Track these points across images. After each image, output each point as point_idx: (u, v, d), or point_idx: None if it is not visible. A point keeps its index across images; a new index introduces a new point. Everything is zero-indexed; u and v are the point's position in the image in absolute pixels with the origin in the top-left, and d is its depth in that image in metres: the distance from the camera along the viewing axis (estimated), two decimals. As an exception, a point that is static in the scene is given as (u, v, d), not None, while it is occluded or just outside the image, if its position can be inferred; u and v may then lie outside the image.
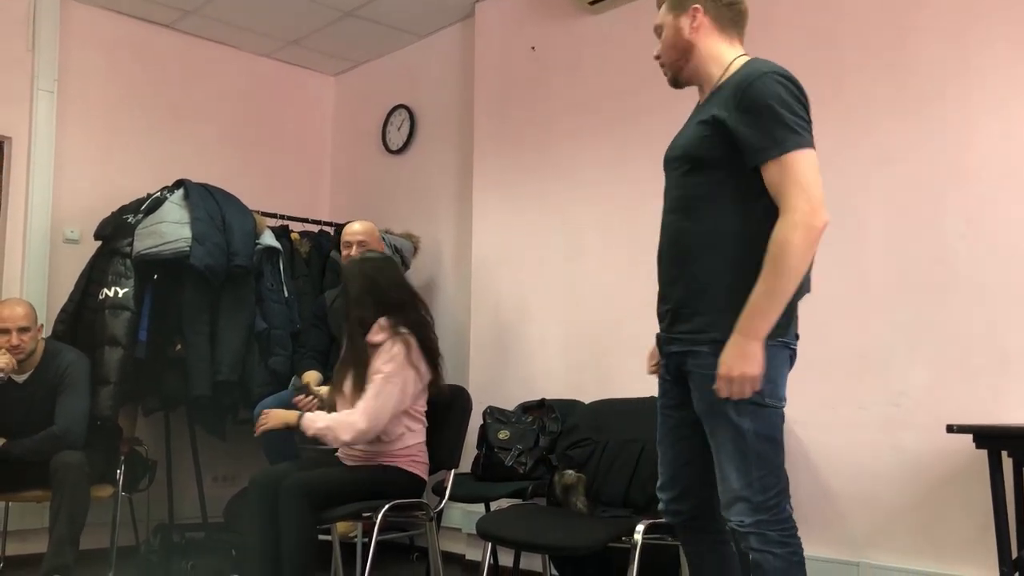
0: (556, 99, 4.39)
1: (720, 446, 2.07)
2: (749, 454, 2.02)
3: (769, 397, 2.03)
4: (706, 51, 2.18)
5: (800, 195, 1.94)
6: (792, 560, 2.03)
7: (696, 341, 2.09)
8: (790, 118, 1.98)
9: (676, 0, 2.21)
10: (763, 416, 2.03)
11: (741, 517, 2.03)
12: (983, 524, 2.73)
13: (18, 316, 3.79)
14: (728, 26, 2.20)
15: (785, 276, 1.95)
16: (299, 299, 4.59)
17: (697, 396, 2.11)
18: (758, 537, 2.02)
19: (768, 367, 1.99)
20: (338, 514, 3.04)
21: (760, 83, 2.02)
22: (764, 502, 2.02)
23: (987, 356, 2.91)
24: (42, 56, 4.70)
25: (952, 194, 3.05)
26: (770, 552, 2.01)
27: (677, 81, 2.28)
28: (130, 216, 4.24)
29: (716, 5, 2.18)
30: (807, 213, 1.93)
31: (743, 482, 2.02)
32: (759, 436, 2.03)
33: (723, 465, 2.06)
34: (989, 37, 3.02)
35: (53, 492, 3.61)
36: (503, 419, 3.81)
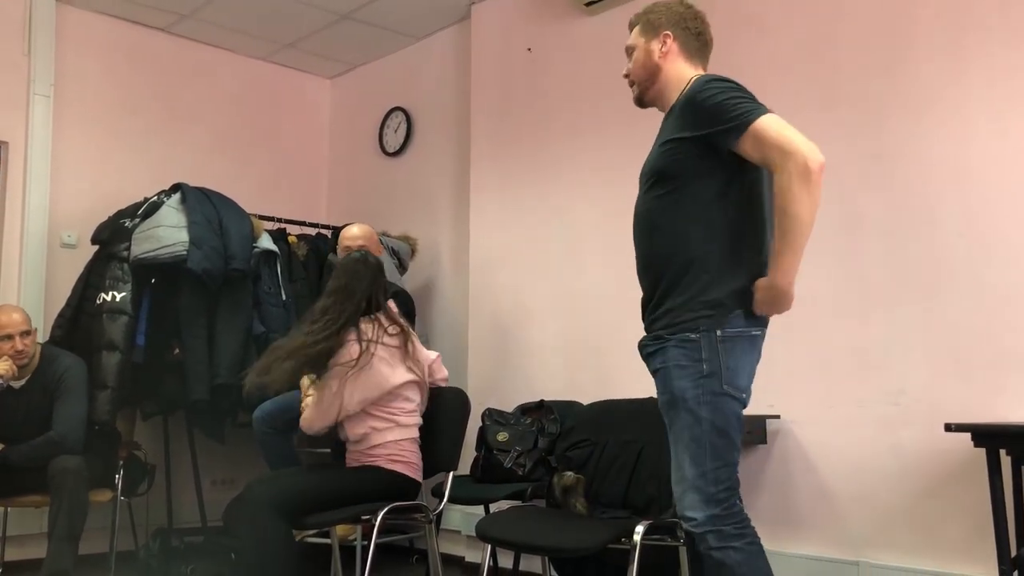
0: (552, 100, 4.39)
1: (678, 437, 2.16)
2: (704, 445, 2.10)
3: (727, 384, 2.11)
4: (671, 75, 2.33)
5: (782, 151, 2.03)
6: (752, 550, 2.10)
7: (660, 338, 2.19)
8: (737, 98, 2.11)
9: (648, 25, 2.36)
10: (721, 407, 2.11)
11: (694, 513, 2.10)
12: (982, 522, 2.73)
13: (18, 321, 3.79)
14: (694, 53, 2.35)
15: (799, 225, 2.04)
16: (297, 302, 4.58)
17: (660, 390, 2.21)
18: (715, 535, 2.08)
19: (727, 356, 2.10)
20: (331, 518, 3.04)
21: (701, 87, 2.18)
22: (715, 494, 2.09)
23: (985, 355, 2.92)
24: (38, 60, 4.70)
25: (950, 194, 3.05)
26: (730, 547, 2.08)
27: (642, 100, 2.42)
28: (127, 220, 4.24)
29: (685, 33, 2.33)
30: (798, 162, 2.01)
31: (696, 471, 2.10)
32: (715, 428, 2.11)
33: (679, 456, 2.15)
34: (986, 40, 3.02)
35: (52, 497, 3.61)
36: (502, 421, 3.81)
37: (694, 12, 2.37)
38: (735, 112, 2.09)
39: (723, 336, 2.11)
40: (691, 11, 2.37)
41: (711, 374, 2.11)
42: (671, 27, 2.32)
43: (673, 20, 2.33)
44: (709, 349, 2.12)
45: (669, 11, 2.35)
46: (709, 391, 2.11)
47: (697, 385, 2.12)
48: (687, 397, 2.12)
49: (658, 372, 2.21)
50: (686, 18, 2.34)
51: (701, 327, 2.12)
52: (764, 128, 2.06)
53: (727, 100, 2.11)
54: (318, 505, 3.01)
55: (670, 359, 2.16)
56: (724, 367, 2.10)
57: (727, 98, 2.11)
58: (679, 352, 2.14)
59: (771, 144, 2.05)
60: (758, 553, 2.12)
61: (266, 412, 3.88)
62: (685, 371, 2.13)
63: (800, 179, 2.01)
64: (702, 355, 2.12)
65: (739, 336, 2.14)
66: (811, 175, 2.01)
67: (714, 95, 2.13)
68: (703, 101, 2.14)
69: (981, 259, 2.96)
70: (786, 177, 2.03)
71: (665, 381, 2.18)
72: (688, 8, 2.37)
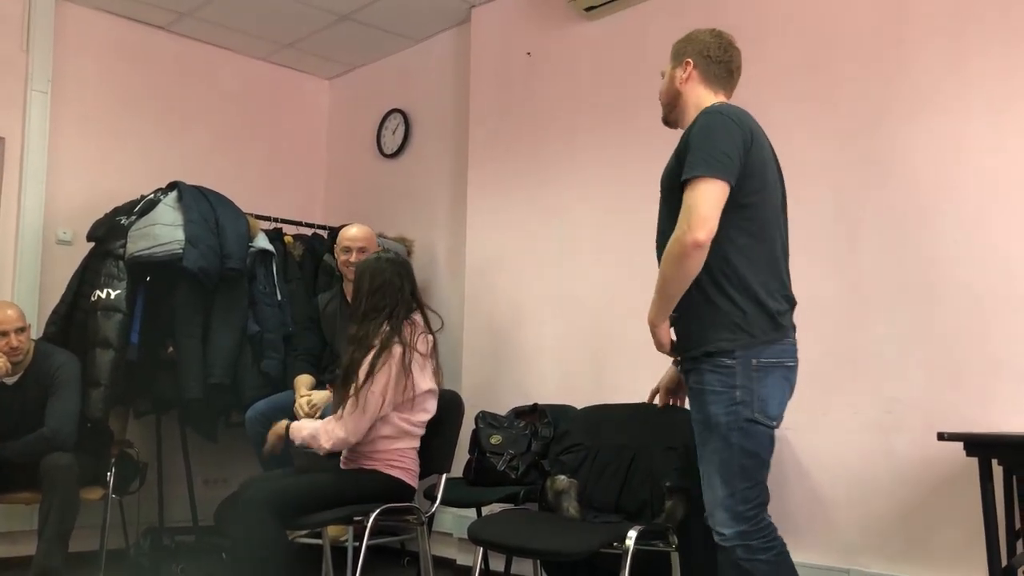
0: (551, 105, 4.40)
1: (709, 458, 2.27)
2: (733, 467, 2.23)
3: (758, 412, 2.22)
4: (690, 100, 2.47)
5: (684, 215, 2.20)
6: (778, 561, 2.23)
7: (695, 359, 2.32)
8: (707, 149, 2.22)
9: (675, 52, 2.53)
10: (752, 434, 2.23)
11: (723, 528, 2.23)
12: (973, 531, 2.74)
13: (13, 318, 3.79)
14: (714, 80, 2.47)
15: (662, 278, 2.28)
16: (292, 302, 4.58)
17: (694, 408, 2.33)
18: (743, 548, 2.21)
19: (759, 387, 2.22)
20: (324, 519, 3.03)
21: (700, 119, 2.31)
22: (744, 512, 2.22)
23: (979, 363, 2.92)
24: (36, 57, 4.69)
25: (945, 200, 3.06)
26: (757, 559, 2.21)
27: (667, 121, 2.58)
28: (123, 218, 4.23)
29: (706, 61, 2.47)
30: (683, 231, 2.18)
31: (726, 491, 2.23)
32: (745, 451, 2.23)
33: (710, 475, 2.27)
34: (982, 47, 3.03)
35: (43, 494, 3.60)
36: (495, 424, 3.81)
37: (720, 42, 2.48)
38: (692, 161, 2.22)
39: (758, 364, 2.23)
40: (718, 40, 2.48)
41: (743, 401, 2.22)
42: (693, 55, 2.47)
43: (696, 49, 2.47)
44: (743, 376, 2.23)
45: (696, 40, 2.50)
46: (741, 418, 2.22)
47: (729, 412, 2.23)
48: (720, 423, 2.23)
49: (692, 391, 2.34)
50: (710, 47, 2.47)
51: (736, 353, 2.23)
52: (691, 189, 2.20)
53: (700, 145, 2.23)
54: (312, 506, 3.00)
55: (705, 382, 2.28)
56: (756, 396, 2.22)
57: (701, 142, 2.23)
58: (714, 377, 2.25)
59: (687, 203, 2.20)
60: (784, 563, 2.25)
61: (259, 411, 3.88)
62: (719, 396, 2.24)
63: (678, 244, 2.19)
64: (736, 382, 2.23)
65: (774, 365, 2.25)
66: (685, 247, 2.18)
67: (697, 134, 2.26)
68: (691, 135, 2.28)
69: (976, 267, 2.97)
70: (675, 234, 2.20)
71: (699, 403, 2.30)
72: (716, 38, 2.49)
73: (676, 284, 2.24)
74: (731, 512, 2.21)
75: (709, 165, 2.19)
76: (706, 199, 2.17)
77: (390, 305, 3.19)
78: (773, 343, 2.26)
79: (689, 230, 2.16)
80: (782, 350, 2.28)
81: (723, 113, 2.29)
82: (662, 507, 2.88)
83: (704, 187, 2.18)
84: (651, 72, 3.99)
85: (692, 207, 2.18)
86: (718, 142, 2.22)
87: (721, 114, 2.28)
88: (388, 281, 3.21)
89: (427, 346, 3.21)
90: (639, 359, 3.87)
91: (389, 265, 3.27)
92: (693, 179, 2.19)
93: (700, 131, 2.25)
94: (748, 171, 2.26)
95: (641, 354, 3.85)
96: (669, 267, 2.23)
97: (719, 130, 2.24)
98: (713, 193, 2.18)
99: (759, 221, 2.30)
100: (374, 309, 3.18)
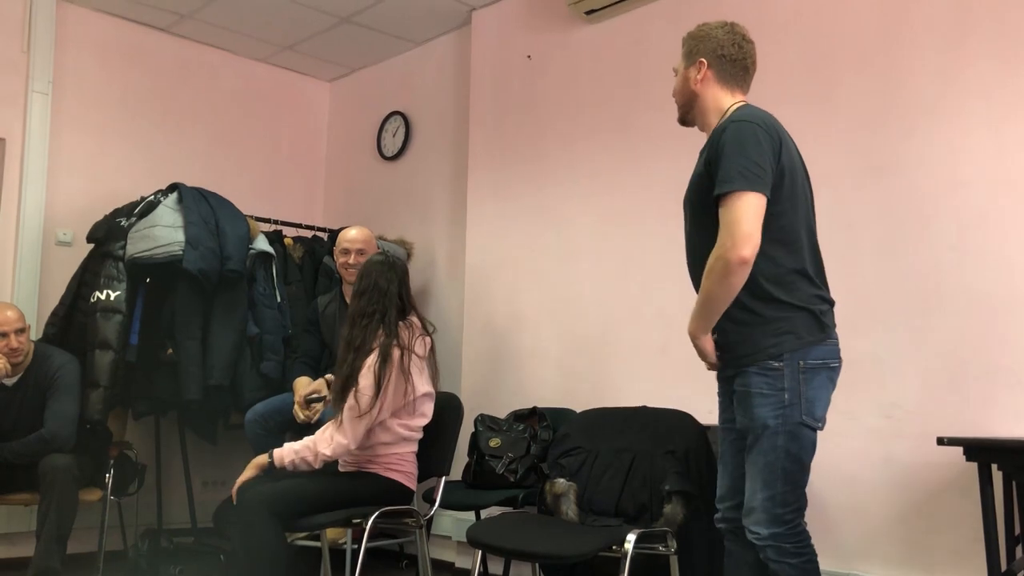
0: (551, 108, 4.40)
1: (753, 460, 2.27)
2: (777, 471, 2.23)
3: (806, 415, 2.23)
4: (708, 102, 2.43)
5: (726, 232, 2.18)
6: (807, 567, 2.25)
7: (741, 363, 2.30)
8: (741, 162, 2.19)
9: (688, 51, 2.46)
10: (798, 436, 2.23)
11: (759, 528, 2.24)
12: (972, 537, 2.74)
13: (13, 319, 3.79)
14: (730, 79, 2.42)
15: (706, 294, 2.24)
16: (291, 304, 4.58)
17: (741, 411, 2.31)
18: (775, 549, 2.23)
19: (807, 388, 2.23)
20: (322, 521, 3.02)
21: (728, 130, 2.25)
22: (782, 515, 2.22)
23: (978, 369, 2.92)
24: (37, 58, 4.70)
25: (944, 206, 3.06)
26: (786, 563, 2.22)
27: (684, 120, 2.52)
28: (123, 219, 4.23)
29: (720, 60, 2.41)
30: (727, 248, 2.16)
31: (767, 494, 2.23)
32: (790, 455, 2.23)
33: (753, 477, 2.27)
34: (982, 51, 3.04)
35: (41, 495, 3.59)
36: (494, 427, 3.80)
37: (733, 37, 2.42)
38: (726, 175, 2.19)
39: (805, 366, 2.23)
40: (731, 36, 2.42)
41: (791, 404, 2.22)
42: (707, 55, 2.41)
43: (710, 48, 2.41)
44: (791, 379, 2.23)
45: (709, 37, 2.42)
46: (789, 421, 2.23)
47: (777, 415, 2.23)
48: (768, 425, 2.23)
49: (738, 394, 2.32)
50: (724, 44, 2.40)
51: (784, 357, 2.24)
52: (729, 205, 2.18)
53: (733, 157, 2.20)
54: (311, 508, 3.00)
55: (752, 385, 2.27)
56: (804, 398, 2.22)
57: (734, 155, 2.20)
58: (761, 380, 2.25)
59: (727, 219, 2.18)
60: (813, 570, 2.26)
61: (258, 413, 3.87)
62: (767, 400, 2.24)
63: (722, 261, 2.17)
64: (784, 384, 2.23)
65: (820, 367, 2.26)
66: (730, 264, 2.16)
67: (728, 146, 2.22)
68: (722, 145, 2.24)
69: (975, 273, 2.97)
70: (716, 251, 2.19)
71: (745, 406, 2.28)
72: (729, 33, 2.42)
73: (721, 300, 2.22)
74: (769, 514, 2.22)
75: (745, 179, 2.17)
76: (747, 214, 2.16)
77: (379, 309, 3.17)
78: (819, 344, 2.26)
79: (733, 247, 2.15)
80: (827, 351, 2.29)
81: (752, 121, 2.25)
82: (661, 511, 2.88)
83: (744, 202, 2.17)
84: (652, 76, 4.01)
85: (734, 223, 2.16)
86: (751, 153, 2.19)
87: (751, 123, 2.25)
88: (374, 284, 3.20)
89: (425, 349, 3.21)
90: (638, 362, 3.88)
91: (376, 267, 3.25)
92: (730, 193, 2.17)
93: (732, 143, 2.22)
94: (779, 178, 2.25)
95: (640, 357, 3.87)
96: (714, 284, 2.20)
97: (751, 140, 2.21)
98: (753, 207, 2.17)
99: (790, 226, 2.29)
100: (362, 313, 3.17)
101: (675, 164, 3.79)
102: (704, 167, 2.30)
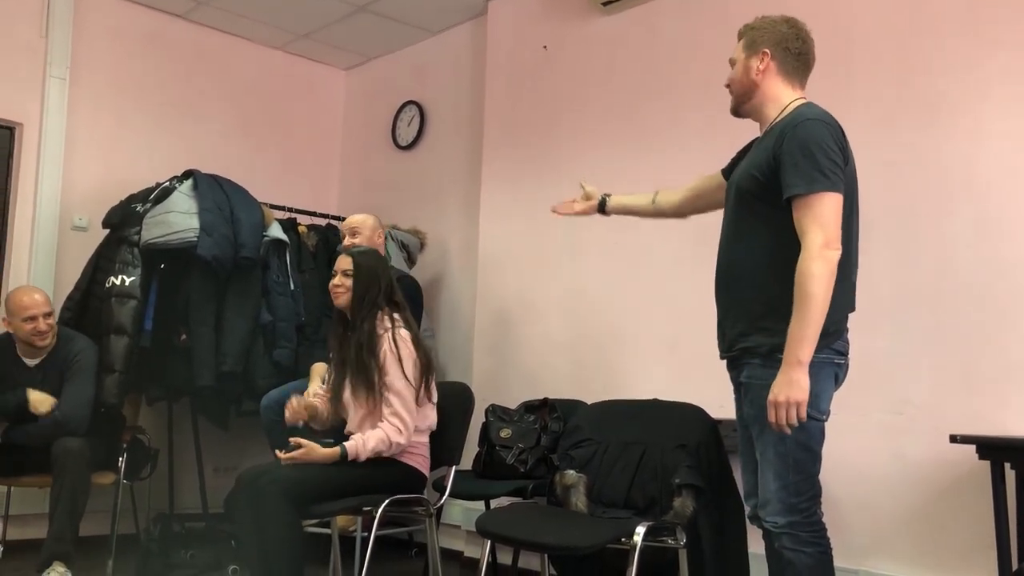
0: (566, 98, 4.39)
1: (763, 451, 2.28)
2: (788, 460, 2.23)
3: (811, 408, 2.19)
4: (768, 93, 2.39)
5: (817, 231, 2.16)
6: (822, 559, 2.25)
7: (749, 353, 2.31)
8: (823, 162, 2.18)
9: (750, 41, 2.42)
10: (805, 427, 2.20)
11: (775, 517, 2.24)
12: (984, 535, 2.72)
13: (40, 302, 3.83)
14: (792, 72, 2.40)
15: (811, 303, 2.14)
16: (305, 292, 4.59)
17: (747, 403, 2.33)
18: (791, 537, 2.23)
19: (813, 380, 2.17)
20: (333, 508, 3.04)
21: (804, 127, 2.23)
22: (797, 504, 2.23)
23: (992, 366, 2.91)
24: (55, 43, 4.71)
25: (960, 203, 3.04)
26: (802, 551, 2.22)
27: (738, 111, 2.48)
28: (139, 205, 4.25)
29: (784, 53, 2.38)
30: (822, 246, 2.14)
31: (779, 484, 2.24)
32: (799, 445, 2.23)
33: (764, 468, 2.28)
34: (1000, 46, 3.01)
35: (54, 478, 3.62)
36: (505, 417, 3.81)
37: (797, 32, 2.41)
38: (807, 174, 2.18)
39: (811, 361, 2.18)
40: (794, 31, 2.41)
41: None
42: (771, 46, 2.37)
43: (775, 39, 2.38)
44: None
45: (773, 30, 2.40)
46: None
47: None
48: None
49: (743, 385, 2.34)
50: (788, 38, 2.39)
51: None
52: (820, 202, 2.17)
53: (813, 156, 2.18)
54: (329, 495, 3.01)
55: (757, 377, 2.27)
56: (810, 391, 2.17)
57: (814, 154, 2.18)
58: (767, 372, 2.22)
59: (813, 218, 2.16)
60: (827, 563, 2.26)
61: (274, 399, 3.89)
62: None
63: (821, 260, 2.14)
64: None
65: (824, 361, 2.24)
66: (830, 262, 2.14)
67: (806, 144, 2.20)
68: (801, 143, 2.21)
69: (990, 271, 2.95)
70: (810, 252, 2.15)
71: (752, 398, 2.29)
72: (792, 28, 2.41)
73: (824, 301, 2.16)
74: (784, 504, 2.23)
75: (828, 178, 2.17)
76: (834, 213, 2.17)
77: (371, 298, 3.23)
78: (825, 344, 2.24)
79: (826, 245, 2.15)
80: (833, 348, 2.28)
81: (828, 122, 2.26)
82: (671, 504, 2.88)
83: (830, 201, 2.17)
84: (667, 67, 3.99)
85: (823, 222, 2.16)
86: (829, 152, 2.20)
87: (826, 123, 2.25)
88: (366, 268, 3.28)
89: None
90: (649, 355, 3.87)
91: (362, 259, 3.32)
92: (814, 193, 2.17)
93: (810, 141, 2.20)
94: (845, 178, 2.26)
95: (652, 350, 3.87)
96: (816, 285, 2.14)
97: (828, 140, 2.21)
98: (837, 206, 2.18)
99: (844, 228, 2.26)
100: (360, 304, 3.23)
101: (689, 156, 3.77)
102: (771, 160, 2.26)
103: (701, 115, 3.77)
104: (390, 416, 3.08)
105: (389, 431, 3.06)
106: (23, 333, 3.81)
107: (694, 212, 2.82)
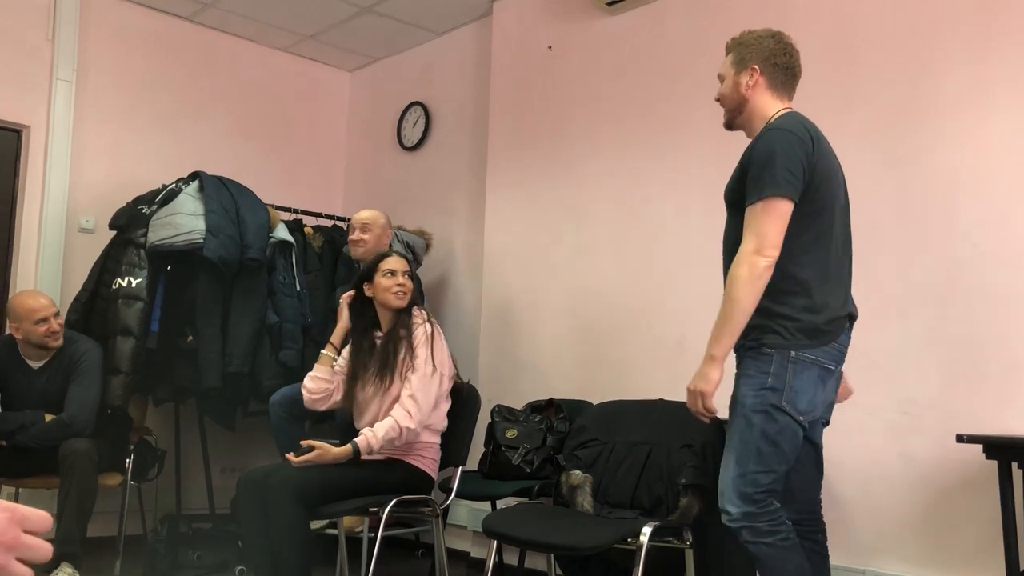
0: (571, 99, 4.39)
1: (730, 437, 2.32)
2: (751, 449, 2.26)
3: (787, 402, 2.24)
4: (756, 107, 2.47)
5: (751, 237, 2.24)
6: (784, 545, 2.26)
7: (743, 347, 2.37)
8: (778, 170, 2.24)
9: (738, 57, 2.48)
10: (775, 418, 2.24)
11: (730, 507, 2.26)
12: (991, 535, 2.72)
13: (47, 304, 3.87)
14: (779, 86, 2.47)
15: (731, 304, 2.25)
16: (311, 293, 4.60)
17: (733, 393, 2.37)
18: (749, 530, 2.25)
19: (793, 378, 2.25)
20: (340, 509, 3.04)
21: (765, 137, 2.32)
22: (752, 495, 2.25)
23: (998, 366, 2.90)
24: (61, 46, 4.73)
25: (965, 203, 3.03)
26: (762, 543, 2.25)
27: (731, 126, 2.56)
28: (145, 207, 4.26)
29: (773, 68, 2.45)
30: (751, 252, 2.23)
31: (737, 471, 2.27)
32: (765, 436, 2.26)
33: (728, 453, 2.32)
34: (1008, 47, 3.00)
35: (62, 479, 3.64)
36: (511, 418, 3.81)
37: (784, 46, 2.47)
38: (756, 182, 2.26)
39: (796, 357, 2.27)
40: (781, 45, 2.47)
41: (773, 388, 2.26)
42: (760, 62, 2.44)
43: (763, 55, 2.45)
44: (778, 365, 2.27)
45: (760, 45, 2.46)
46: (766, 402, 2.26)
47: (757, 394, 2.27)
48: (745, 403, 2.29)
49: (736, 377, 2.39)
50: (775, 53, 2.45)
51: (778, 344, 2.27)
52: (756, 210, 2.25)
53: (764, 164, 2.26)
54: (337, 495, 3.02)
55: (742, 367, 2.36)
56: (788, 385, 2.25)
57: (765, 161, 2.26)
58: (751, 362, 2.32)
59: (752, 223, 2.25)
60: (791, 547, 2.27)
61: (284, 396, 3.90)
62: (750, 380, 2.30)
63: (747, 266, 2.22)
64: (770, 368, 2.27)
65: (812, 363, 2.29)
66: (756, 268, 2.22)
67: (759, 153, 2.28)
68: (755, 153, 2.30)
69: (995, 270, 2.94)
70: (739, 256, 2.24)
71: (735, 387, 2.36)
72: (779, 43, 2.47)
73: (748, 305, 2.24)
74: (739, 492, 2.25)
75: (775, 184, 2.23)
76: (772, 220, 2.23)
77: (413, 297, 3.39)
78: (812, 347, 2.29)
79: (757, 252, 2.22)
80: (824, 352, 2.31)
81: (785, 128, 2.30)
82: (677, 504, 2.88)
83: (772, 207, 2.23)
84: (673, 68, 3.99)
85: (759, 230, 2.23)
86: (786, 160, 2.25)
87: (783, 130, 2.30)
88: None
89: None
90: (655, 355, 3.87)
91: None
92: (758, 200, 2.24)
93: (763, 150, 2.28)
94: (810, 183, 2.29)
95: (657, 351, 3.86)
96: (739, 289, 2.23)
97: (781, 147, 2.26)
98: (780, 212, 2.24)
99: (815, 231, 2.33)
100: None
101: (695, 156, 3.78)
102: (739, 171, 2.37)
103: (708, 114, 3.76)
104: (406, 398, 3.10)
105: (398, 415, 3.07)
106: (36, 336, 3.82)
107: None
